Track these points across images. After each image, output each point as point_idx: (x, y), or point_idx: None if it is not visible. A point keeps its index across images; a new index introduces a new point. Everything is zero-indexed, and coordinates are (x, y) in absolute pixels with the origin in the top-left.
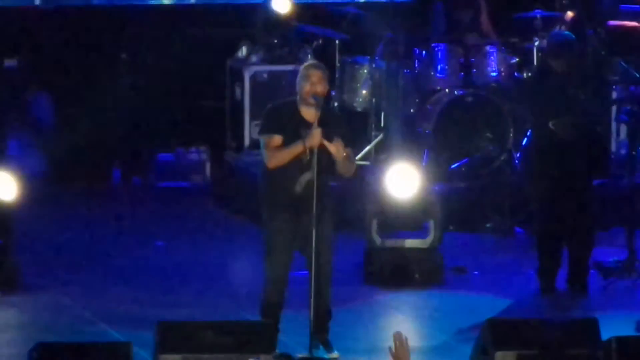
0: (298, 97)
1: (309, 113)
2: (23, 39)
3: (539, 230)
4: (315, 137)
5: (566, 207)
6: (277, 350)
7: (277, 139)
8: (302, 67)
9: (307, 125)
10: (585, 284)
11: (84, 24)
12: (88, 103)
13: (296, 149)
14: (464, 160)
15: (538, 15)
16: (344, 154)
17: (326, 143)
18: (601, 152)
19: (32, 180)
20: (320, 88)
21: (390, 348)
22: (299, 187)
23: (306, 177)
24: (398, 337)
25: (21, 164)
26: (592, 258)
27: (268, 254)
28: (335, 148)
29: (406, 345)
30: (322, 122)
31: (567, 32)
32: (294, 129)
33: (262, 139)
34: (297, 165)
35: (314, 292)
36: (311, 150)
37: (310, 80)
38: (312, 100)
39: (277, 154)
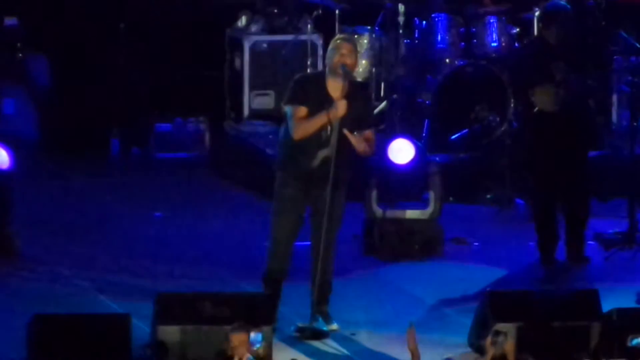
0: (327, 69)
1: (336, 88)
2: (24, 1)
3: (535, 203)
4: (340, 109)
5: (559, 180)
6: (277, 323)
7: (303, 110)
8: (333, 40)
9: (332, 101)
10: (582, 255)
11: None
12: (86, 72)
13: (320, 120)
14: (464, 131)
15: None
16: (364, 146)
17: (348, 134)
18: (590, 125)
19: (26, 141)
20: (350, 60)
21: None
22: (315, 162)
23: (323, 152)
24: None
25: (16, 124)
26: (592, 229)
27: (275, 216)
28: (356, 141)
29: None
30: (347, 96)
31: (562, 3)
32: (319, 103)
33: (288, 109)
34: (317, 140)
35: (320, 264)
36: (332, 125)
37: (340, 52)
38: (340, 70)
39: (302, 124)
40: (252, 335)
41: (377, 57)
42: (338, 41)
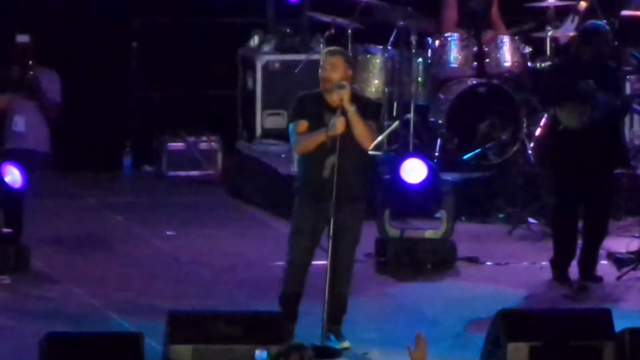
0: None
1: (333, 99)
2: (36, 17)
3: (555, 220)
4: (339, 126)
5: (581, 197)
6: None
7: (303, 124)
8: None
9: (331, 110)
10: (594, 274)
11: (96, 11)
12: (98, 91)
13: (319, 137)
14: (476, 151)
15: (551, 6)
16: (353, 108)
17: (345, 100)
18: (617, 145)
19: (37, 159)
20: (336, 75)
21: (408, 347)
22: (326, 172)
23: (331, 160)
24: (420, 337)
25: (27, 141)
26: (605, 249)
27: (291, 237)
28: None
29: (424, 347)
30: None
31: (600, 23)
32: (318, 113)
33: (290, 126)
34: (322, 149)
35: (329, 282)
36: (334, 138)
37: (325, 67)
38: (335, 89)
39: (302, 141)
40: (257, 352)
41: (390, 76)
42: (323, 55)
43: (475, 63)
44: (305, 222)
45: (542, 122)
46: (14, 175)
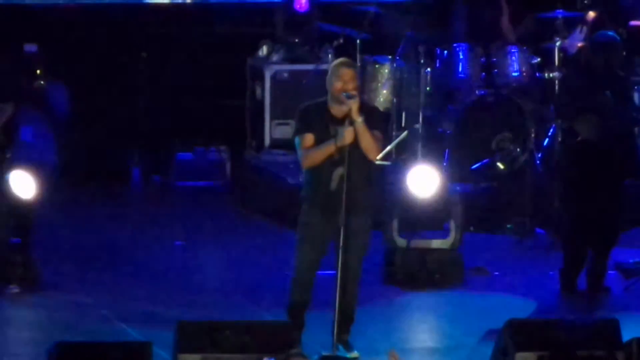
0: (329, 95)
1: (339, 110)
2: (44, 27)
3: (566, 231)
4: (347, 136)
5: (592, 208)
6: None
7: (309, 138)
8: (332, 65)
9: (337, 122)
10: (602, 284)
11: (105, 21)
12: (107, 101)
13: (328, 149)
14: (485, 161)
15: (559, 16)
16: (360, 119)
17: (354, 111)
18: (632, 154)
19: (46, 169)
20: (352, 86)
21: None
22: (333, 184)
23: (339, 172)
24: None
25: (35, 151)
26: (612, 259)
27: (298, 246)
28: (361, 124)
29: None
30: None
31: (611, 33)
32: (324, 126)
33: (296, 140)
34: (329, 161)
35: (339, 292)
36: (343, 149)
37: (342, 79)
38: (343, 98)
39: (309, 154)
40: None
41: (398, 86)
42: (338, 67)
43: (484, 73)
44: (312, 232)
45: (551, 132)
46: (23, 185)
